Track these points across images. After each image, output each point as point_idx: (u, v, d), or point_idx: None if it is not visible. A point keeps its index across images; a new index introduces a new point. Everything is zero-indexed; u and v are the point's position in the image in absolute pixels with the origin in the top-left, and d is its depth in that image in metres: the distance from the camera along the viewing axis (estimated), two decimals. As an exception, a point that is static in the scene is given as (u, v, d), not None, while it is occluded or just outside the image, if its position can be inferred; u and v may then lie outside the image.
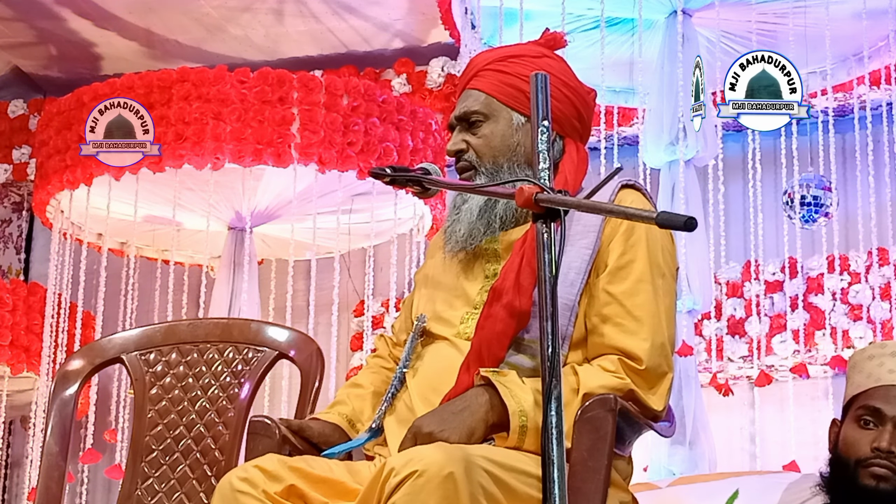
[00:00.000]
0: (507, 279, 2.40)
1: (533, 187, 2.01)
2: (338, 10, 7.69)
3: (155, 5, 7.67)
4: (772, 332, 6.78)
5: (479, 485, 2.10)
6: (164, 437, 2.77)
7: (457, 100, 2.62)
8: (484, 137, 2.53)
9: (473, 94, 2.56)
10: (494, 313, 2.38)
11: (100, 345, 2.93)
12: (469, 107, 2.55)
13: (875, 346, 2.81)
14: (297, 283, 6.51)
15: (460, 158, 2.55)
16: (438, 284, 2.56)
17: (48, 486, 2.73)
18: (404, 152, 6.35)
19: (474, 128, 2.54)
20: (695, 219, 1.85)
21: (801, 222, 5.94)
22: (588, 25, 6.10)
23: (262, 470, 2.23)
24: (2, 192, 8.85)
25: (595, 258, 2.42)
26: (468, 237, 2.50)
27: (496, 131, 2.52)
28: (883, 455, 2.63)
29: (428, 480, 2.03)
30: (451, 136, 2.59)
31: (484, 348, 2.35)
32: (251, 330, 2.85)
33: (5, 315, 7.35)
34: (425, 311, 2.54)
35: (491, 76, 2.55)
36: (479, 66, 2.59)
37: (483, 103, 2.54)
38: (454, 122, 2.58)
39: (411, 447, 2.17)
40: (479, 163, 2.52)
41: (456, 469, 2.06)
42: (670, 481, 5.09)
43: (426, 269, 2.65)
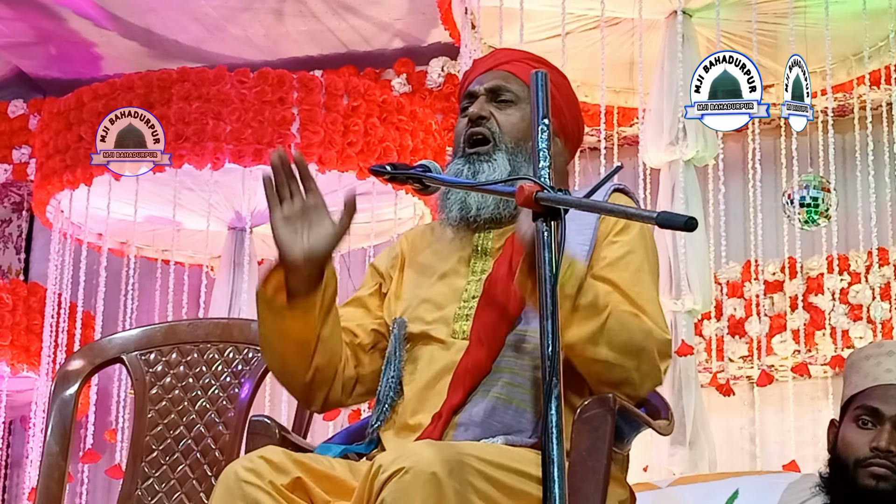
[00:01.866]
0: (501, 269, 2.40)
1: (533, 185, 2.01)
2: (338, 10, 7.70)
3: (155, 5, 7.67)
4: (772, 332, 6.77)
5: (469, 484, 2.08)
6: (165, 437, 2.77)
7: (470, 79, 2.57)
8: (511, 117, 2.49)
9: (507, 75, 2.53)
10: (492, 301, 2.37)
11: (100, 345, 2.93)
12: (503, 82, 2.52)
13: (872, 345, 2.81)
14: (297, 283, 6.50)
15: (480, 124, 2.49)
16: (420, 282, 2.51)
17: (48, 486, 2.73)
18: (404, 152, 6.35)
19: (502, 104, 2.51)
20: (695, 219, 1.85)
21: (800, 224, 5.93)
22: (588, 25, 6.10)
23: (267, 461, 2.18)
24: (2, 192, 8.85)
25: (591, 255, 2.42)
26: (481, 208, 2.45)
27: (525, 117, 2.48)
28: (882, 454, 2.63)
29: (414, 478, 2.01)
30: (465, 106, 2.53)
31: (483, 335, 2.34)
32: (251, 330, 2.84)
33: (5, 315, 7.35)
34: (406, 311, 2.49)
35: (525, 67, 2.51)
36: (515, 57, 2.57)
37: (518, 86, 2.51)
38: (480, 91, 2.52)
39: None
40: (500, 137, 2.47)
41: (440, 469, 2.03)
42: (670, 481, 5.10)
43: (404, 263, 2.58)
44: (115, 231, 6.63)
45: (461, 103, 2.58)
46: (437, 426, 2.32)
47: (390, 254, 2.62)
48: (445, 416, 2.33)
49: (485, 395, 2.34)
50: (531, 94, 2.12)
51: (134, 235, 6.59)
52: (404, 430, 2.39)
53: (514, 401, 2.33)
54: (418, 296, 2.49)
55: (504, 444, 2.29)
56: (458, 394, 2.34)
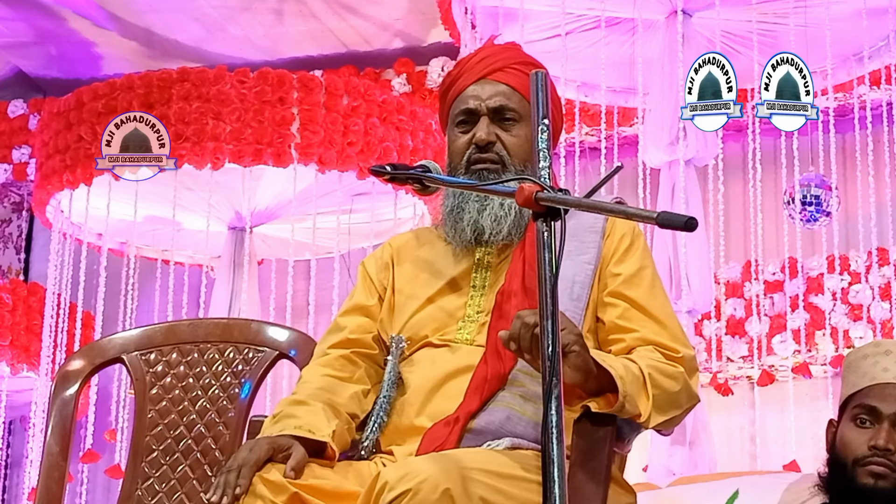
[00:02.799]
0: (514, 283, 2.41)
1: (533, 186, 2.01)
2: (338, 9, 7.70)
3: (155, 5, 7.68)
4: (772, 332, 6.77)
5: (478, 497, 2.09)
6: (165, 437, 2.76)
7: (463, 87, 2.54)
8: (517, 137, 2.49)
9: (507, 91, 2.51)
10: (506, 315, 2.37)
11: (100, 345, 2.93)
12: (506, 102, 2.50)
13: (869, 345, 2.81)
14: (297, 283, 6.51)
15: (489, 150, 2.48)
16: (417, 294, 2.50)
17: (48, 486, 2.72)
18: (404, 152, 6.35)
19: (507, 123, 2.50)
20: (695, 219, 1.85)
21: (803, 223, 5.94)
22: (588, 25, 6.10)
23: (265, 481, 2.21)
24: (2, 192, 8.86)
25: (597, 272, 2.44)
26: (497, 231, 2.45)
27: (528, 134, 2.46)
28: (880, 453, 2.62)
29: (423, 500, 2.02)
30: (464, 119, 2.51)
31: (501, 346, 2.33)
32: (251, 330, 2.84)
33: (5, 315, 7.35)
34: (404, 328, 2.47)
35: (521, 77, 2.51)
36: (506, 63, 2.55)
37: (518, 103, 2.50)
38: (481, 110, 2.51)
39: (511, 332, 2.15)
40: (510, 161, 2.47)
41: (452, 485, 2.04)
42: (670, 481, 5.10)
43: (395, 277, 2.56)
44: (115, 231, 6.63)
45: (457, 116, 2.53)
46: (454, 430, 2.31)
47: (378, 262, 2.60)
48: (463, 421, 2.32)
49: (500, 404, 2.34)
50: (531, 94, 2.12)
51: (134, 235, 6.59)
52: (406, 433, 2.39)
53: (528, 413, 2.34)
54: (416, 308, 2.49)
55: (509, 446, 2.30)
56: (475, 400, 2.34)
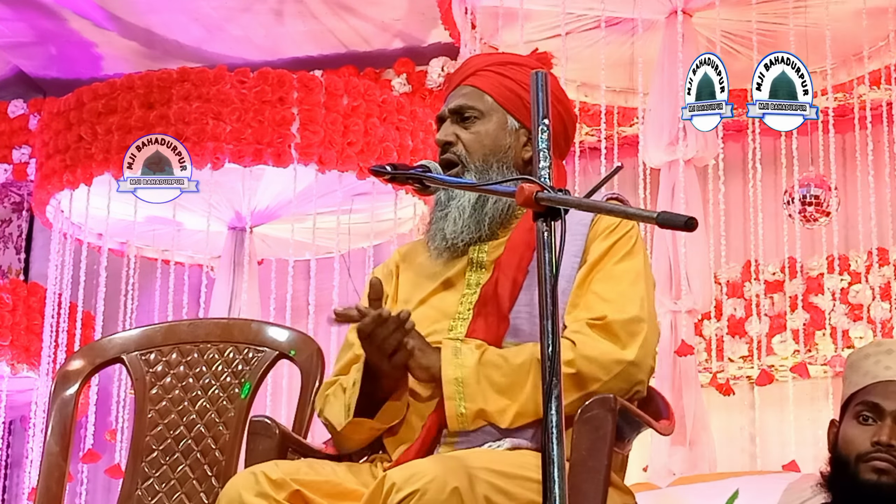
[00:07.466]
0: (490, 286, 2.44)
1: (533, 186, 2.01)
2: (338, 10, 7.70)
3: (155, 5, 7.68)
4: (772, 332, 6.77)
5: (482, 497, 2.10)
6: (165, 437, 2.77)
7: (447, 95, 2.60)
8: (476, 134, 2.51)
9: (470, 91, 2.55)
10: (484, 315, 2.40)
11: (100, 345, 2.93)
12: (465, 101, 2.53)
13: (871, 344, 2.81)
14: (297, 283, 6.51)
15: (447, 150, 2.52)
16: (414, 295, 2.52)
17: (48, 486, 2.73)
18: (404, 152, 6.35)
19: (467, 122, 2.52)
20: (695, 219, 1.85)
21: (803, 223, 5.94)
22: (588, 25, 6.10)
23: (267, 478, 2.22)
24: (2, 192, 8.85)
25: (581, 264, 2.44)
26: (457, 234, 2.47)
27: (489, 130, 2.50)
28: (883, 449, 2.63)
29: (432, 499, 2.03)
30: (438, 127, 2.56)
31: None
32: (251, 330, 2.85)
33: (5, 315, 7.35)
34: None
35: (491, 77, 2.54)
36: (478, 67, 2.58)
37: (480, 100, 2.53)
38: (445, 115, 2.55)
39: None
40: (467, 159, 2.50)
41: (460, 483, 2.06)
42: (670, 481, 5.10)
43: (398, 285, 2.59)
44: (115, 231, 6.63)
45: (435, 124, 2.60)
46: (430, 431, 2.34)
47: (384, 271, 2.63)
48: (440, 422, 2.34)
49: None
50: (531, 94, 2.12)
51: (134, 235, 6.59)
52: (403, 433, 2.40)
53: None
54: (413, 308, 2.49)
55: (510, 447, 2.30)
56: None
